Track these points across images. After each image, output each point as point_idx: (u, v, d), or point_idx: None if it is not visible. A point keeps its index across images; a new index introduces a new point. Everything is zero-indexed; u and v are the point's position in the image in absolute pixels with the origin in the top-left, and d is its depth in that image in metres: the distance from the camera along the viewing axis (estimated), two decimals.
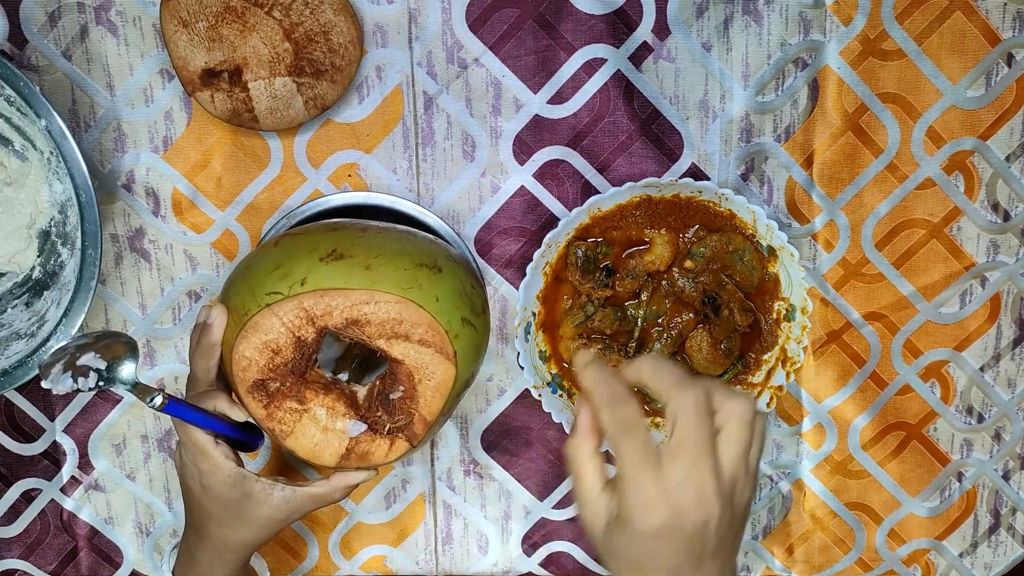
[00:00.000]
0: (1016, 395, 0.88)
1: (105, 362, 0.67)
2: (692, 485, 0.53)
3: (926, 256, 0.85)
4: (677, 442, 0.53)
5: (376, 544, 0.91)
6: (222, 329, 0.68)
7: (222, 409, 0.69)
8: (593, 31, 0.79)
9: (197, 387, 0.70)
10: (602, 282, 0.80)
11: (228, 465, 0.68)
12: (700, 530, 0.54)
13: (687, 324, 0.83)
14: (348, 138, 0.81)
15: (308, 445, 0.68)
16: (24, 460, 0.87)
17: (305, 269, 0.66)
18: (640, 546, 0.54)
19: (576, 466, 0.57)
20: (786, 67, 0.80)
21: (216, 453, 0.68)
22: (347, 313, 0.65)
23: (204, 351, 0.69)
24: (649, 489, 0.53)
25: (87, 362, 0.67)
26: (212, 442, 0.68)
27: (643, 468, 0.53)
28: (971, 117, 0.82)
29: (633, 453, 0.54)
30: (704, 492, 0.53)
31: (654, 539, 0.53)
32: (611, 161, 0.82)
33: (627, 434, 0.54)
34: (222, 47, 0.75)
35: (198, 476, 0.69)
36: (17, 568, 0.90)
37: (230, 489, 0.69)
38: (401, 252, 0.68)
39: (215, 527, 0.71)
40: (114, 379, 0.67)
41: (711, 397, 0.55)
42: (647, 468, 0.53)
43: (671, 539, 0.53)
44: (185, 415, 0.67)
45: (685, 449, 0.53)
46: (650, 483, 0.53)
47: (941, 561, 0.92)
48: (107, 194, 0.82)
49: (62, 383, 0.67)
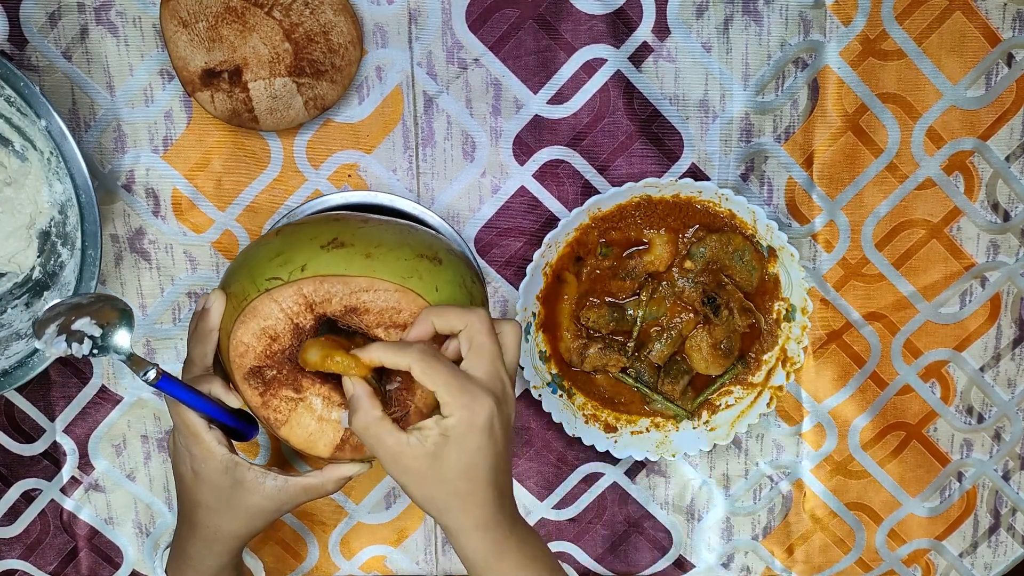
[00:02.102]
0: (1016, 395, 0.88)
1: (100, 329, 0.66)
2: (498, 381, 0.64)
3: (926, 256, 0.85)
4: (477, 352, 0.63)
5: (376, 544, 0.91)
6: (220, 314, 0.68)
7: (217, 394, 0.68)
8: (593, 31, 0.79)
9: (193, 371, 0.69)
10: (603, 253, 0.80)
11: (220, 450, 0.67)
12: (508, 418, 0.65)
13: (687, 324, 0.83)
14: (348, 138, 0.81)
15: (303, 435, 0.68)
16: (24, 460, 0.87)
17: (305, 256, 0.66)
18: (473, 444, 0.63)
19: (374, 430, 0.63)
20: (786, 67, 0.80)
21: (209, 437, 0.67)
22: (346, 300, 0.65)
23: (201, 335, 0.69)
24: (472, 388, 0.62)
25: (82, 327, 0.65)
26: (205, 426, 0.67)
27: (459, 377, 0.62)
28: (971, 117, 0.82)
29: (447, 370, 0.62)
30: (506, 387, 0.65)
31: (486, 432, 0.63)
32: (611, 161, 0.82)
33: (433, 359, 0.62)
34: (222, 47, 0.75)
35: (190, 461, 0.68)
36: (17, 568, 0.90)
37: (221, 475, 0.68)
38: (402, 243, 0.68)
39: (204, 515, 0.70)
40: (108, 347, 0.66)
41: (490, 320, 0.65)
42: (462, 376, 0.63)
43: (495, 431, 0.63)
44: (178, 393, 0.66)
45: (486, 356, 0.63)
46: (470, 383, 0.62)
47: (941, 561, 0.92)
48: (107, 194, 0.82)
49: (56, 345, 0.65)
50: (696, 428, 0.86)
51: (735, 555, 0.91)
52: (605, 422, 0.85)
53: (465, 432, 0.62)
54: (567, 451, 0.88)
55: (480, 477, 0.64)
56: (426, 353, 0.62)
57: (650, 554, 0.91)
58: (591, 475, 0.89)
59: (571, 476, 0.89)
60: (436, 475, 0.63)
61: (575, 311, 0.83)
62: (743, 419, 0.85)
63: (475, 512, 0.65)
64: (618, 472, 0.89)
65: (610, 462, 0.89)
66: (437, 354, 0.63)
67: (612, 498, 0.89)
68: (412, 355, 0.62)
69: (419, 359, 0.62)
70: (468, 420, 0.62)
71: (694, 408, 0.85)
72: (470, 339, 0.63)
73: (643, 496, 0.89)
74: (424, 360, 0.62)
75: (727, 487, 0.89)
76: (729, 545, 0.91)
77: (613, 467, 0.89)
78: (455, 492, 0.64)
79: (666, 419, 0.86)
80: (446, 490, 0.64)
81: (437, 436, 0.62)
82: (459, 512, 0.65)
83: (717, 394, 0.86)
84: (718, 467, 0.89)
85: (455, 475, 0.63)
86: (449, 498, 0.64)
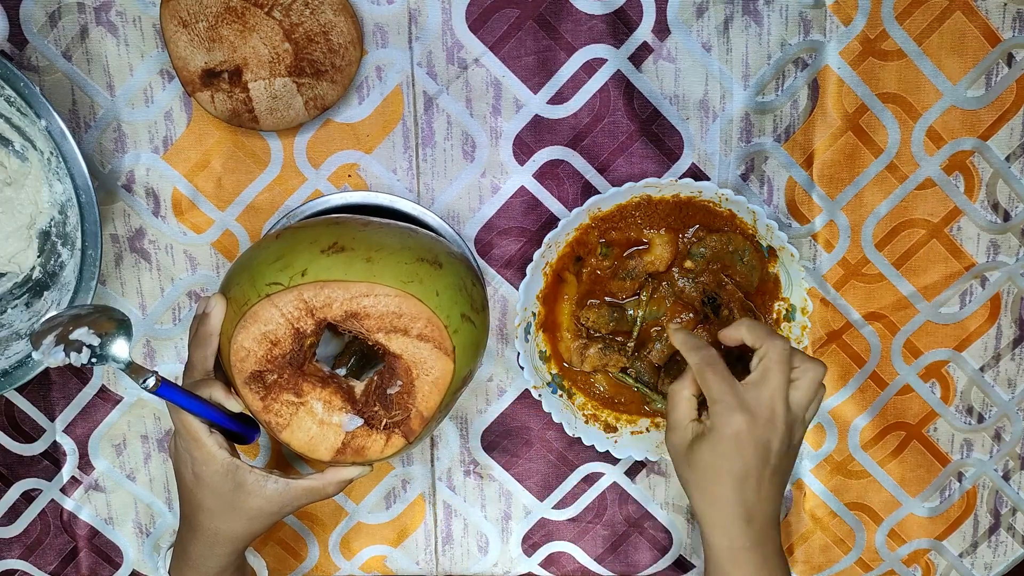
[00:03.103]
0: (1016, 395, 0.88)
1: (99, 338, 0.66)
2: (766, 406, 0.68)
3: (926, 256, 0.85)
4: (760, 374, 0.68)
5: (376, 544, 0.91)
6: (220, 318, 0.68)
7: (217, 398, 0.68)
8: (593, 31, 0.79)
9: (193, 376, 0.69)
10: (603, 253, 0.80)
11: (221, 454, 0.68)
12: (766, 444, 0.68)
13: (687, 324, 0.83)
14: (348, 138, 0.81)
15: (304, 438, 0.68)
16: (24, 460, 0.87)
17: (306, 260, 0.66)
18: (720, 449, 0.67)
19: (675, 398, 0.71)
20: (786, 67, 0.80)
21: (210, 441, 0.68)
22: (346, 305, 0.65)
23: (202, 340, 0.69)
24: (731, 402, 0.67)
25: (80, 337, 0.65)
26: (206, 430, 0.68)
27: (727, 386, 0.68)
28: (971, 117, 0.82)
29: (718, 377, 0.68)
30: (775, 413, 0.68)
31: (733, 442, 0.67)
32: (611, 161, 0.82)
33: (712, 366, 0.69)
34: (222, 47, 0.75)
35: (191, 464, 0.69)
36: (17, 568, 0.90)
37: (223, 479, 0.68)
38: (402, 247, 0.68)
39: (206, 518, 0.70)
40: (107, 356, 0.66)
41: (794, 355, 0.69)
42: (729, 388, 0.68)
43: (744, 445, 0.67)
44: (178, 399, 0.66)
45: (767, 381, 0.68)
46: (733, 397, 0.67)
47: (941, 561, 0.92)
48: (107, 194, 0.82)
49: (53, 355, 0.65)
50: None
51: None
52: (605, 422, 0.85)
53: (714, 436, 0.68)
54: (567, 451, 0.88)
55: (723, 481, 0.68)
56: (706, 359, 0.69)
57: (650, 554, 0.91)
58: (591, 475, 0.89)
59: (571, 476, 0.89)
60: (687, 460, 0.70)
61: (575, 311, 0.83)
62: None
63: (713, 509, 0.69)
64: (618, 472, 0.89)
65: (610, 462, 0.89)
66: (717, 362, 0.69)
67: (612, 498, 0.89)
68: (696, 357, 0.70)
69: (699, 362, 0.69)
70: (719, 428, 0.68)
71: None
72: (760, 361, 0.69)
73: (643, 496, 0.89)
74: (702, 365, 0.69)
75: None
76: None
77: (613, 467, 0.89)
78: (699, 483, 0.69)
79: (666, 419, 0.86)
80: (693, 476, 0.70)
81: (700, 431, 0.69)
82: (701, 502, 0.70)
83: None
84: None
85: (701, 468, 0.69)
86: (694, 486, 0.70)
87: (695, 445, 0.69)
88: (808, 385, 0.69)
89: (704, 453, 0.68)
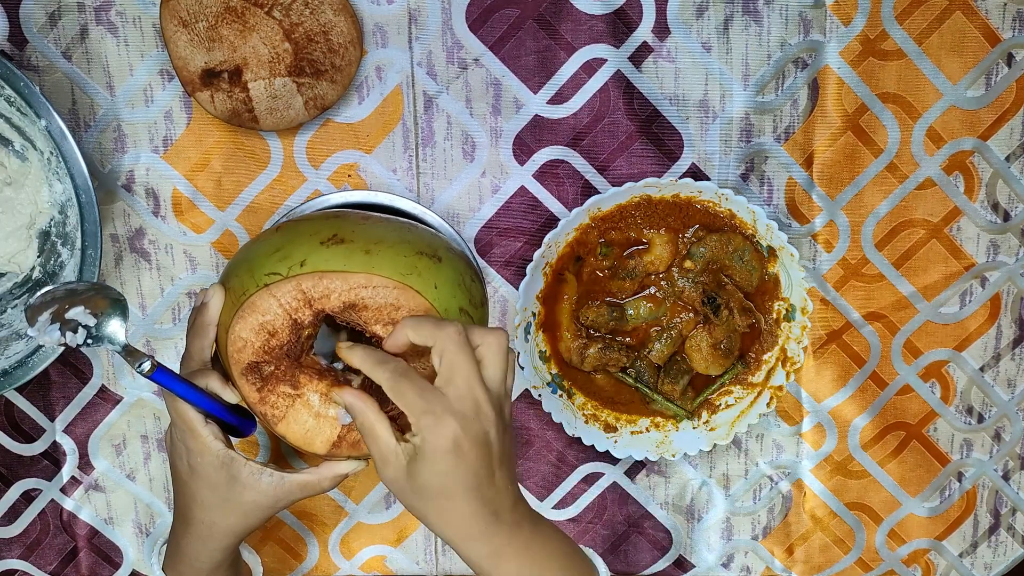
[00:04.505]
0: (1016, 395, 0.88)
1: (95, 319, 0.65)
2: (469, 399, 0.61)
3: (926, 256, 0.85)
4: (448, 369, 0.61)
5: (376, 544, 0.91)
6: (219, 309, 0.68)
7: (214, 388, 0.67)
8: (593, 31, 0.79)
9: (190, 366, 0.69)
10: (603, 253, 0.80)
11: (216, 445, 0.67)
12: (484, 438, 0.62)
13: (687, 324, 0.83)
14: (348, 138, 0.81)
15: (299, 431, 0.68)
16: (24, 460, 0.87)
17: (305, 251, 0.66)
18: (442, 466, 0.61)
19: (370, 431, 0.63)
20: (786, 67, 0.80)
21: (205, 432, 0.67)
22: (345, 296, 0.65)
23: (199, 330, 0.68)
24: (436, 409, 0.61)
25: (76, 316, 0.65)
26: (202, 420, 0.67)
27: (426, 397, 0.61)
28: (971, 117, 0.82)
29: (414, 390, 0.61)
30: (480, 404, 0.62)
31: (453, 454, 0.61)
32: (611, 161, 0.82)
33: (403, 378, 0.62)
34: (222, 47, 0.75)
35: (186, 456, 0.68)
36: (17, 568, 0.90)
37: (217, 471, 0.67)
38: (402, 240, 0.68)
39: (200, 511, 0.69)
40: (103, 337, 0.65)
41: (469, 333, 0.63)
42: (429, 395, 0.61)
43: (465, 451, 0.61)
44: (174, 386, 0.66)
45: (457, 373, 0.61)
46: (435, 404, 0.61)
47: (941, 561, 0.92)
48: (107, 194, 0.82)
49: (49, 334, 0.64)
50: (696, 428, 0.86)
51: (735, 555, 0.91)
52: (605, 422, 0.85)
53: (432, 454, 0.61)
54: (567, 451, 0.88)
55: (458, 495, 0.63)
56: (397, 371, 0.62)
57: (650, 554, 0.91)
58: (591, 475, 0.89)
59: (571, 476, 0.89)
60: (412, 489, 0.63)
61: (575, 311, 0.83)
62: (743, 419, 0.85)
63: (460, 526, 0.64)
64: (618, 472, 0.89)
65: (610, 462, 0.89)
66: (409, 372, 0.62)
67: (612, 498, 0.89)
68: (385, 372, 0.62)
69: (390, 377, 0.62)
70: (432, 443, 0.61)
71: (694, 408, 0.85)
72: (440, 356, 0.62)
73: (643, 496, 0.89)
74: (394, 379, 0.61)
75: (727, 487, 0.89)
76: (729, 545, 0.91)
77: (613, 467, 0.89)
78: (435, 508, 0.64)
79: (666, 419, 0.86)
80: (426, 505, 0.64)
81: (412, 451, 0.62)
82: (444, 525, 0.64)
83: (717, 394, 0.86)
84: (718, 467, 0.89)
85: (432, 492, 0.63)
86: (430, 512, 0.64)
87: (413, 469, 0.62)
88: (495, 358, 0.63)
89: (427, 475, 0.62)
